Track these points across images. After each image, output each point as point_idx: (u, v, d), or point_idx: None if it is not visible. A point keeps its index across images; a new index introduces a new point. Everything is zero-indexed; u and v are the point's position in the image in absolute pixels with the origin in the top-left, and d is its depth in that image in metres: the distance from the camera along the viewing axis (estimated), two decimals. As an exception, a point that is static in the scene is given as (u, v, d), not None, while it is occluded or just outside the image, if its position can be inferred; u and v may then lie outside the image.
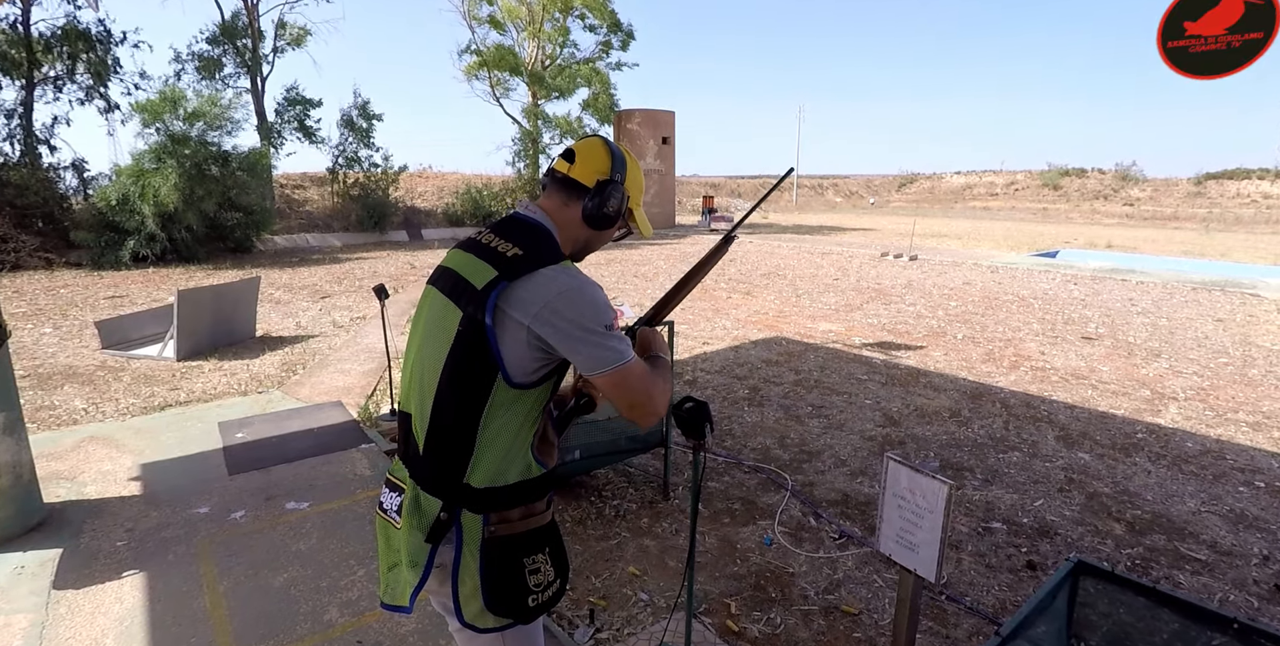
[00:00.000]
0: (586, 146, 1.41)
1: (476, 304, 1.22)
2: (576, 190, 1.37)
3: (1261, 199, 36.61)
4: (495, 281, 1.22)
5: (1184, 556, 3.08)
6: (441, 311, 1.29)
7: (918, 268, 13.59)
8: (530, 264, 1.24)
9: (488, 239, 1.32)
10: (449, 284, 1.31)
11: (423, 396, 1.30)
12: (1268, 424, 4.81)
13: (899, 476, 2.10)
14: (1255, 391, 5.58)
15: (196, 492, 3.62)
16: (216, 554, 3.01)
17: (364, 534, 3.18)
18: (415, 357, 1.35)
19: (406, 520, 1.30)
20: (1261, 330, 8.02)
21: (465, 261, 1.30)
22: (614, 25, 25.30)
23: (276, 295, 10.24)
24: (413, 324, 1.41)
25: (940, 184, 51.93)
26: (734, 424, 4.61)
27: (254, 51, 20.79)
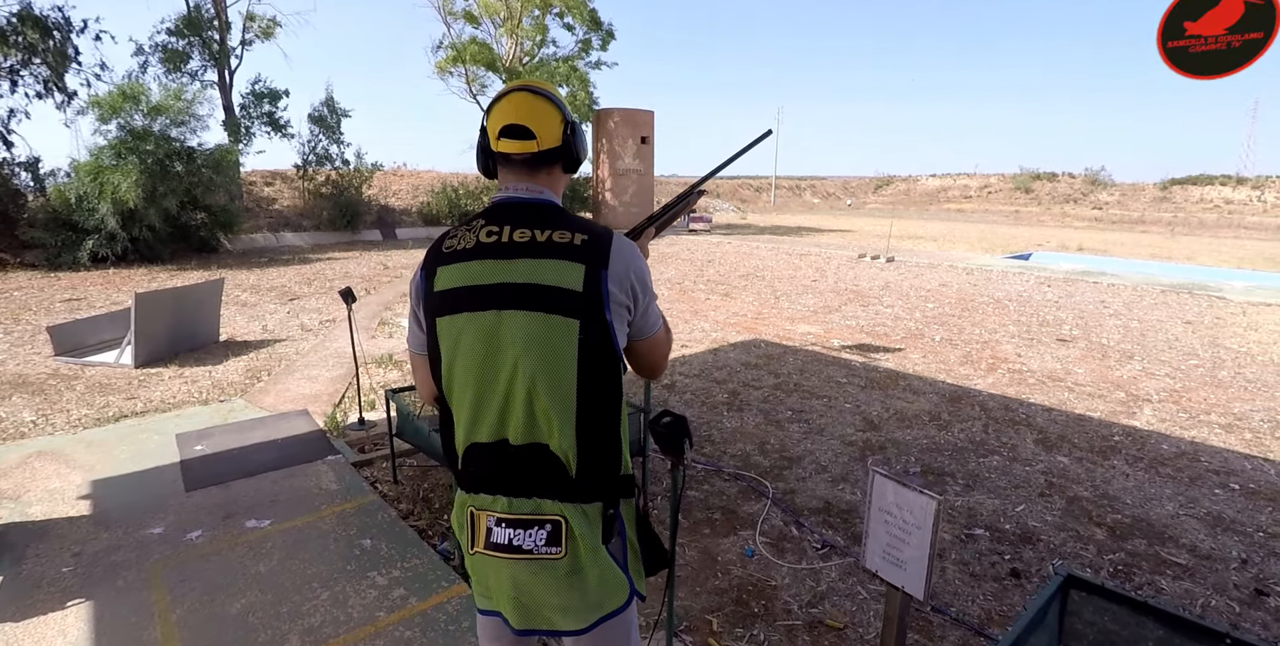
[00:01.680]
0: (530, 112, 1.27)
1: (590, 304, 1.18)
2: (551, 158, 1.30)
3: (1224, 204, 37.49)
4: (595, 274, 1.18)
5: (1165, 561, 3.06)
6: (539, 329, 1.17)
7: (895, 269, 13.65)
8: (604, 241, 1.22)
9: (523, 235, 1.21)
10: (517, 298, 1.18)
11: (547, 421, 1.20)
12: (1239, 425, 4.85)
13: (885, 490, 2.03)
14: (1225, 393, 5.64)
15: (151, 511, 3.41)
16: (170, 578, 2.82)
17: (328, 553, 3.03)
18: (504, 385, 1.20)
19: (576, 543, 1.23)
20: (1228, 332, 8.14)
21: (527, 269, 1.19)
22: (593, 24, 25.15)
23: (243, 297, 9.99)
24: (454, 354, 1.23)
25: (916, 186, 52.48)
26: (713, 430, 4.54)
27: (221, 44, 20.32)
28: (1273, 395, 5.59)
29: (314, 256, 15.86)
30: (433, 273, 1.26)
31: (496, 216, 1.27)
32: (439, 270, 1.25)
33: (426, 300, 1.27)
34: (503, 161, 1.32)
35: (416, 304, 1.32)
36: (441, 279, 1.24)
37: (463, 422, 1.26)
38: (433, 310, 1.25)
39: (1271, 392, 5.67)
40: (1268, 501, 3.67)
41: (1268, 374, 6.26)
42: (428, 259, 1.29)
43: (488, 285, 1.20)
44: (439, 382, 1.28)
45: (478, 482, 1.26)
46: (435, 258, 1.27)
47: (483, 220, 1.27)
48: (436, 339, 1.25)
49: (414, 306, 1.34)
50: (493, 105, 1.31)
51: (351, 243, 19.54)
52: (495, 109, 1.30)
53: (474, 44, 24.32)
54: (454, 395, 1.26)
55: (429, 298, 1.26)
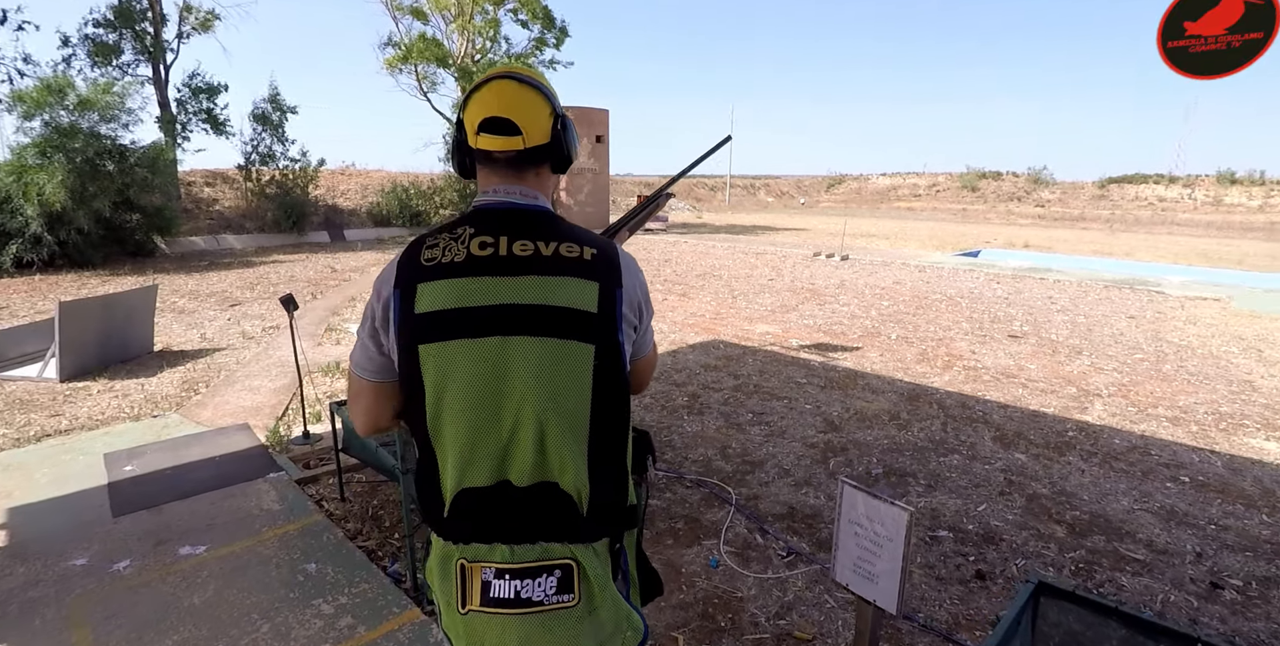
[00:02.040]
0: (515, 103, 1.12)
1: (605, 327, 1.06)
2: (539, 156, 1.16)
3: (1157, 202, 39.01)
4: (610, 293, 1.07)
5: (1124, 557, 3.08)
6: (553, 357, 1.03)
7: (849, 267, 13.79)
8: (614, 256, 1.12)
9: (525, 248, 1.06)
10: (525, 322, 1.03)
11: (559, 458, 1.06)
12: (1185, 418, 4.96)
13: (854, 502, 1.97)
14: (1170, 386, 5.78)
15: (74, 540, 3.14)
16: (94, 615, 2.58)
17: (269, 580, 2.82)
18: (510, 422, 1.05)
19: (589, 584, 1.09)
20: (1169, 326, 8.39)
21: (536, 287, 1.04)
22: (547, 21, 24.91)
23: (180, 303, 9.55)
24: (444, 388, 1.05)
25: (867, 185, 53.39)
26: (674, 434, 4.45)
27: (156, 37, 19.45)
28: (1213, 388, 5.76)
29: (257, 259, 15.33)
30: (411, 290, 1.06)
31: (488, 224, 1.10)
32: (420, 287, 1.06)
33: (404, 323, 1.07)
34: (483, 160, 1.16)
35: (382, 326, 1.12)
36: (425, 298, 1.05)
37: (452, 466, 1.07)
38: (414, 335, 1.06)
39: (1212, 385, 5.83)
40: (1216, 493, 3.75)
41: (1207, 366, 6.45)
42: (402, 272, 1.09)
43: (488, 306, 1.04)
44: (417, 420, 1.09)
45: (471, 531, 1.08)
46: (413, 271, 1.08)
47: (470, 228, 1.10)
48: (418, 370, 1.05)
49: (374, 327, 1.14)
50: (471, 94, 1.15)
51: (298, 245, 18.96)
52: (474, 99, 1.14)
53: (424, 40, 23.85)
54: (443, 435, 1.07)
55: (408, 320, 1.06)
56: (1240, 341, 7.61)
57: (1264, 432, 4.71)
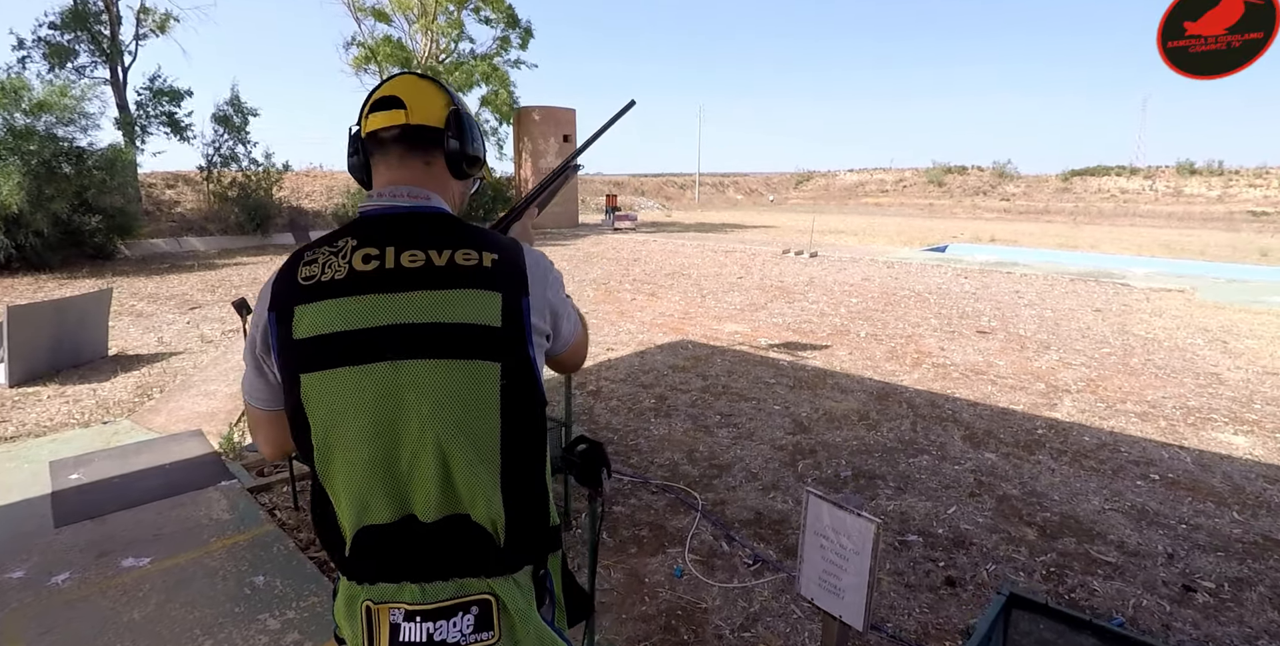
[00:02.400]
0: (404, 84, 1.06)
1: (512, 342, 0.95)
2: (428, 139, 1.05)
3: (1120, 193, 39.73)
4: (515, 304, 0.96)
5: (1095, 560, 3.04)
6: (454, 380, 0.92)
7: (818, 264, 13.79)
8: (518, 259, 1.00)
9: (415, 259, 0.94)
10: (419, 343, 0.91)
11: (468, 489, 0.95)
12: (1153, 413, 4.97)
13: (820, 513, 1.87)
14: (1138, 381, 5.80)
15: (12, 552, 3.02)
16: (29, 632, 2.46)
17: (214, 594, 2.71)
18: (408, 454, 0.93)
19: (510, 618, 0.98)
20: (1135, 319, 8.47)
21: (428, 304, 0.93)
22: (511, 21, 24.64)
23: (138, 307, 9.27)
24: (332, 421, 0.94)
25: (834, 181, 53.74)
26: (640, 438, 4.35)
27: (112, 38, 18.94)
28: (1180, 381, 5.78)
29: (220, 262, 14.96)
30: (288, 313, 0.95)
31: (373, 233, 0.98)
32: (298, 310, 0.94)
33: (283, 351, 0.95)
34: (375, 148, 1.06)
35: (263, 352, 1.01)
36: (305, 322, 0.93)
37: (349, 503, 0.96)
38: (295, 365, 0.94)
39: (1180, 378, 5.86)
40: (1187, 491, 3.73)
41: (1174, 359, 6.49)
42: (277, 294, 0.97)
43: (375, 328, 0.92)
44: (306, 454, 0.98)
45: (376, 570, 0.98)
46: (289, 292, 0.96)
47: (352, 238, 0.98)
48: (300, 401, 0.94)
49: (257, 354, 1.03)
50: (371, 93, 1.08)
51: (262, 247, 18.55)
52: (370, 95, 1.07)
53: (387, 42, 23.50)
54: (334, 471, 0.96)
55: (286, 347, 0.95)
56: (1205, 333, 7.70)
57: (1231, 426, 4.72)
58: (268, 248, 18.37)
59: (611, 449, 4.16)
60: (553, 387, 5.13)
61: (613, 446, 4.20)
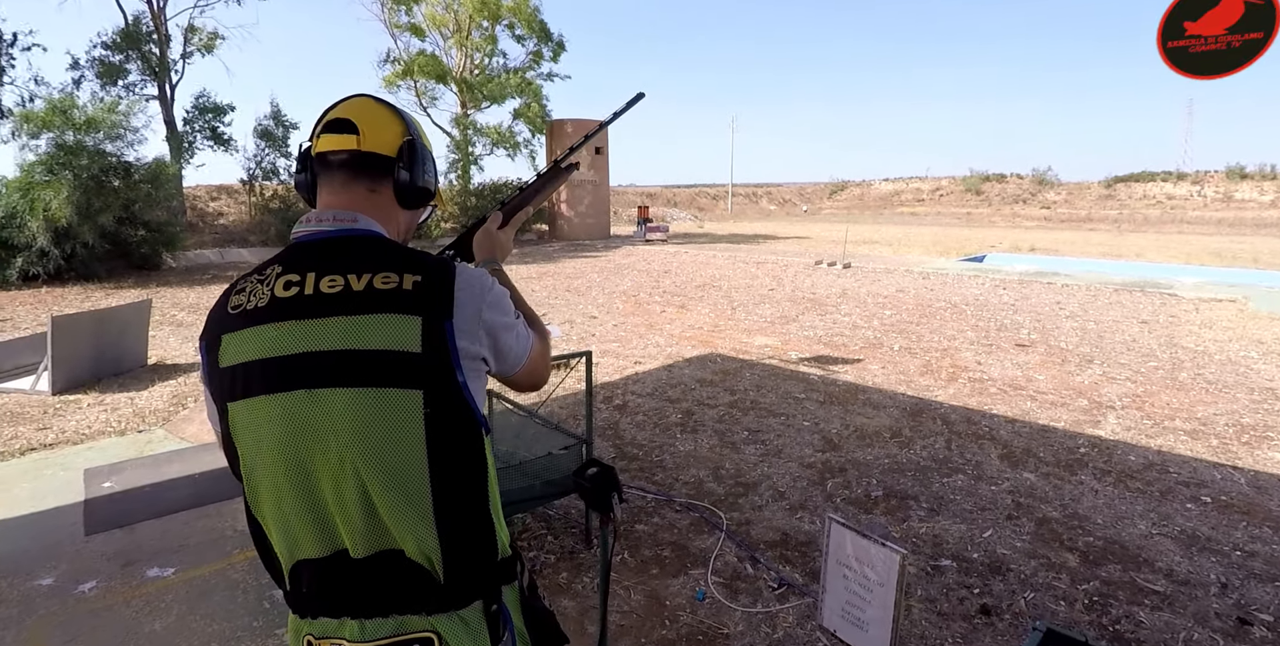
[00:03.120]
0: (361, 109, 1.04)
1: (435, 368, 0.91)
2: (377, 167, 1.03)
3: (1166, 200, 38.64)
4: (436, 327, 0.91)
5: (1141, 589, 2.88)
6: (369, 410, 0.88)
7: (851, 275, 13.60)
8: (443, 280, 0.95)
9: (334, 284, 0.91)
10: (333, 372, 0.88)
11: (396, 523, 0.91)
12: (1204, 431, 4.74)
13: (843, 541, 1.79)
14: (1188, 396, 5.56)
15: (42, 559, 3.08)
16: (53, 639, 2.51)
17: (233, 607, 2.73)
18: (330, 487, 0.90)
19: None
20: (1184, 331, 8.15)
21: (342, 330, 0.90)
22: (544, 35, 24.96)
23: (179, 317, 9.49)
24: (256, 452, 0.92)
25: (869, 191, 53.20)
26: (666, 454, 4.27)
27: (161, 57, 19.65)
28: (1234, 396, 5.53)
29: (259, 274, 15.30)
30: (216, 342, 0.94)
31: (295, 260, 0.96)
32: (224, 338, 0.94)
33: (211, 379, 0.95)
34: (322, 170, 1.04)
35: (203, 379, 1.01)
36: (229, 350, 0.93)
37: (280, 537, 0.94)
38: (222, 393, 0.93)
39: (1232, 393, 5.61)
40: (1241, 515, 3.53)
41: (1226, 373, 6.22)
42: (209, 323, 0.98)
43: (291, 356, 0.90)
44: (241, 485, 0.97)
45: (316, 605, 0.95)
46: (219, 321, 0.96)
47: (279, 266, 0.96)
48: (228, 430, 0.93)
49: (201, 382, 1.03)
50: (323, 115, 1.05)
51: (300, 259, 18.95)
52: (324, 113, 1.05)
53: (422, 57, 23.99)
54: (262, 503, 0.95)
55: (214, 376, 0.95)
56: (1260, 345, 7.37)
57: (1288, 445, 4.49)
58: (305, 260, 18.75)
59: (636, 465, 4.09)
60: (575, 403, 5.11)
61: (637, 462, 4.14)
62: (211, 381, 0.96)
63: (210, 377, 0.96)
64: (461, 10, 23.63)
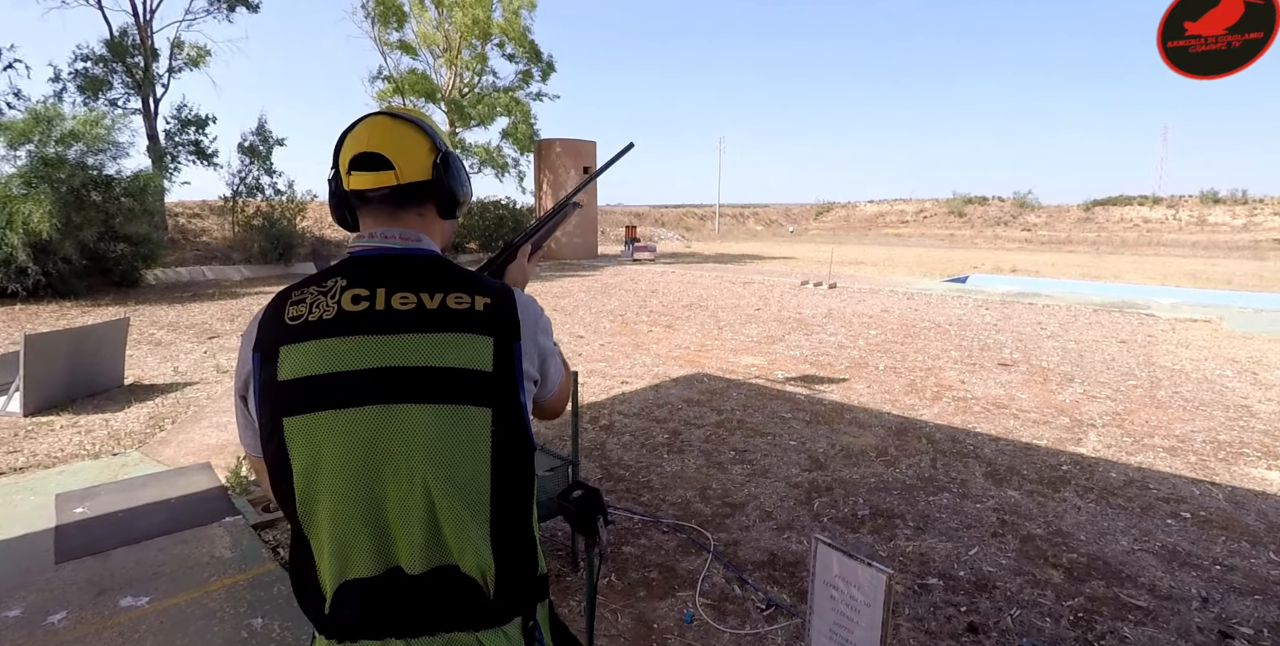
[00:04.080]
0: (386, 137, 1.02)
1: (504, 387, 0.94)
2: (419, 194, 1.04)
3: (1142, 223, 39.30)
4: (506, 348, 0.96)
5: (1125, 604, 2.90)
6: (446, 426, 0.90)
7: (837, 296, 13.70)
8: (509, 303, 0.99)
9: (406, 301, 0.93)
10: (410, 388, 0.89)
11: (458, 539, 0.92)
12: (1182, 448, 4.81)
13: (829, 562, 1.80)
14: (1166, 414, 5.63)
15: (11, 588, 2.98)
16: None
17: (210, 637, 2.65)
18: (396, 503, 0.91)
19: None
20: (1161, 350, 8.28)
21: (420, 347, 0.91)
22: (534, 56, 25.17)
23: (158, 335, 9.37)
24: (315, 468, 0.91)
25: (854, 212, 53.72)
26: (652, 474, 4.26)
27: (146, 71, 19.55)
28: (1210, 414, 5.61)
29: (242, 291, 15.17)
30: (273, 353, 0.92)
31: (363, 274, 0.97)
32: (284, 350, 0.92)
33: (266, 393, 0.93)
34: (359, 202, 1.05)
35: (244, 392, 0.99)
36: (289, 363, 0.91)
37: (331, 556, 0.92)
38: (277, 407, 0.91)
39: (1209, 411, 5.69)
40: (1220, 530, 3.57)
41: (1202, 391, 6.32)
42: (263, 333, 0.96)
43: (363, 371, 0.90)
44: (288, 503, 0.94)
45: (358, 627, 0.94)
46: (275, 332, 0.94)
47: (342, 279, 0.97)
48: (284, 446, 0.91)
49: (241, 394, 1.01)
50: (344, 135, 1.04)
51: (284, 276, 18.81)
52: (347, 138, 1.03)
53: (413, 75, 24.08)
54: (317, 521, 0.92)
55: (269, 389, 0.92)
56: (1234, 364, 7.49)
57: (1265, 461, 4.55)
58: (290, 277, 18.62)
59: (623, 486, 4.08)
60: (561, 423, 5.09)
61: (624, 483, 4.13)
62: (265, 395, 0.93)
63: (263, 391, 0.93)
64: (452, 29, 23.81)
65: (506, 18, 23.93)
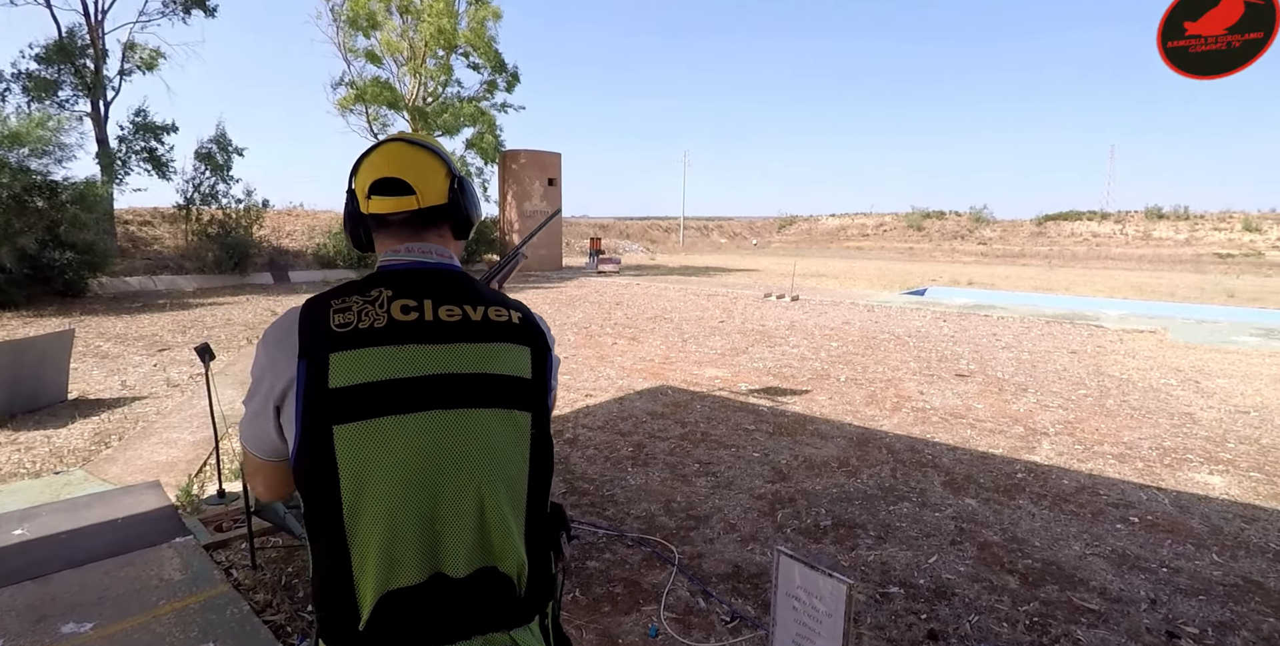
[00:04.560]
0: (405, 163, 1.05)
1: (539, 393, 1.03)
2: (438, 216, 1.09)
3: (1091, 237, 40.70)
4: (541, 358, 1.04)
5: (1078, 608, 2.97)
6: (503, 429, 0.97)
7: (799, 308, 13.87)
8: (535, 318, 1.09)
9: (452, 313, 0.98)
10: (470, 394, 0.94)
11: (502, 539, 0.96)
12: (1130, 454, 4.96)
13: (791, 573, 1.81)
14: (1114, 422, 5.81)
15: (-56, 615, 2.84)
16: None
17: (160, 663, 2.57)
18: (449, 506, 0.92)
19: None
20: (1110, 360, 8.54)
21: (474, 355, 0.97)
22: (498, 66, 25.13)
23: (104, 348, 9.07)
24: (366, 475, 0.90)
25: (817, 225, 54.59)
26: (617, 488, 4.25)
27: (96, 73, 18.98)
28: (1156, 422, 5.80)
29: (195, 301, 14.78)
30: (322, 361, 0.91)
31: (407, 286, 1.00)
32: (334, 358, 0.91)
33: (312, 400, 0.91)
34: (377, 225, 1.07)
35: (277, 399, 0.96)
36: (342, 370, 0.91)
37: (378, 566, 0.91)
38: (327, 415, 0.90)
39: (1154, 419, 5.88)
40: (1166, 533, 3.69)
41: (1148, 400, 6.53)
42: (307, 339, 0.93)
43: (421, 377, 0.93)
44: (326, 513, 0.91)
45: (398, 638, 0.93)
46: (324, 338, 0.93)
47: (387, 290, 0.98)
48: (332, 455, 0.89)
49: (271, 402, 0.97)
50: (361, 160, 1.07)
51: (239, 286, 18.40)
52: (365, 163, 1.06)
53: (376, 83, 23.84)
54: (362, 528, 0.91)
55: (318, 396, 0.91)
56: (1178, 373, 7.77)
57: (1207, 466, 4.72)
58: (245, 287, 18.23)
59: (587, 500, 4.06)
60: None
61: (588, 497, 4.11)
62: (312, 402, 0.91)
63: (309, 398, 0.91)
64: (417, 37, 23.66)
65: (472, 28, 23.88)
